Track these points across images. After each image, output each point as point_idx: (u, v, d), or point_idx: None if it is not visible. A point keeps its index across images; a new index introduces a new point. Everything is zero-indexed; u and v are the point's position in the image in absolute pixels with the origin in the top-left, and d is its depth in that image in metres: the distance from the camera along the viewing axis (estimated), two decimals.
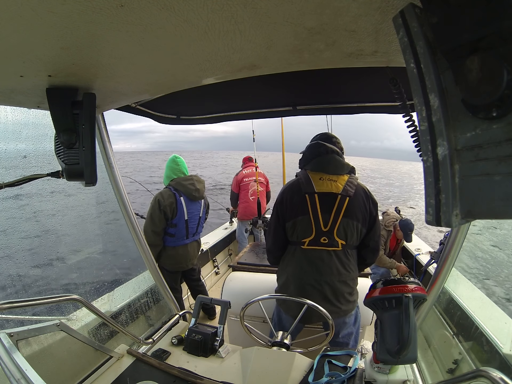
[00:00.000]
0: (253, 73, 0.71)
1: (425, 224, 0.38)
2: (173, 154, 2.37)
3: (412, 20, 0.36)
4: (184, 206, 2.19)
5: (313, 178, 1.30)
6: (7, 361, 0.68)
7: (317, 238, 1.28)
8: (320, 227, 1.27)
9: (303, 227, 1.29)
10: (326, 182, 1.28)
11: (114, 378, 0.96)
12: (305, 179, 1.31)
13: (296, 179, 1.37)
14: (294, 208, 1.30)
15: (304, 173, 1.35)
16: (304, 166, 1.39)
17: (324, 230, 1.27)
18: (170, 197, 2.15)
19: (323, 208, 1.26)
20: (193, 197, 2.23)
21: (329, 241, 1.27)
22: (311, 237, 1.28)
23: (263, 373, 1.01)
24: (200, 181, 2.31)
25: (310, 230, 1.28)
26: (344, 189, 1.27)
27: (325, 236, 1.27)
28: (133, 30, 0.46)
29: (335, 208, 1.26)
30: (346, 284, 1.31)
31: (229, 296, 1.70)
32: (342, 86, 1.25)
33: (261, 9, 0.43)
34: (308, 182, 1.30)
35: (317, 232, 1.27)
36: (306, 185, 1.29)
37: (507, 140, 0.29)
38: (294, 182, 1.35)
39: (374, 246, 1.37)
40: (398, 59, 0.62)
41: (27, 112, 0.84)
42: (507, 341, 1.25)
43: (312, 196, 1.27)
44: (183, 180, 2.21)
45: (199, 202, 2.33)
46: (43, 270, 3.44)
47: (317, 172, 1.32)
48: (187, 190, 2.19)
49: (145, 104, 1.19)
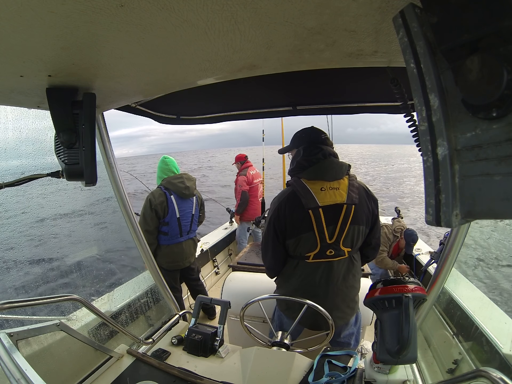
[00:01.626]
0: (253, 73, 0.71)
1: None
2: (163, 155, 2.42)
3: (412, 20, 0.36)
4: (175, 204, 2.24)
5: (313, 189, 1.17)
6: (7, 361, 0.68)
7: (322, 251, 1.19)
8: (325, 240, 1.18)
9: (307, 243, 1.19)
10: (329, 193, 1.17)
11: (114, 378, 0.96)
12: (304, 190, 1.17)
13: (291, 191, 1.20)
14: (295, 225, 1.18)
15: (299, 183, 1.19)
16: (297, 174, 1.23)
17: (330, 242, 1.18)
18: (161, 196, 2.20)
19: (328, 220, 1.16)
20: (184, 195, 2.28)
21: (336, 252, 1.20)
22: (316, 251, 1.19)
23: (263, 373, 1.01)
24: (190, 179, 2.35)
25: (315, 244, 1.18)
26: (349, 196, 1.17)
27: (331, 248, 1.19)
28: (133, 30, 0.46)
29: (341, 218, 1.16)
30: (353, 288, 1.29)
31: (229, 296, 1.70)
32: (342, 86, 1.24)
33: (261, 9, 0.43)
34: (308, 194, 1.16)
35: (322, 245, 1.18)
36: (307, 199, 1.15)
37: (507, 140, 0.29)
38: (290, 195, 1.19)
39: (376, 243, 1.33)
40: (398, 59, 0.62)
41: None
42: (507, 341, 1.25)
43: (316, 211, 1.15)
44: (173, 179, 2.27)
45: (190, 200, 2.37)
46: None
47: (316, 181, 1.18)
48: (177, 188, 2.24)
49: (145, 104, 1.19)
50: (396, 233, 2.84)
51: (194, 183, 2.38)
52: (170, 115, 1.46)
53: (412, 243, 2.75)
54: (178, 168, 2.38)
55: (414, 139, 0.45)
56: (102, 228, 5.84)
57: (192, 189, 2.33)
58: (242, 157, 3.81)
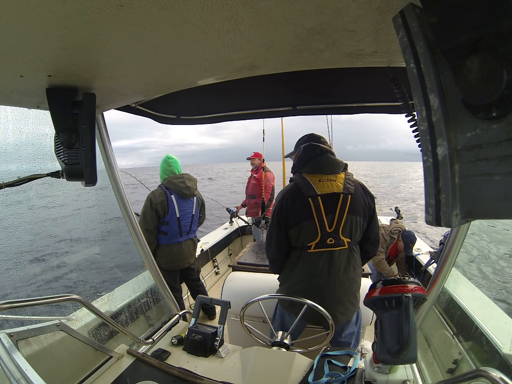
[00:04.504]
0: (253, 73, 0.71)
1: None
2: (166, 155, 2.42)
3: (412, 20, 0.36)
4: (175, 203, 2.25)
5: (312, 181, 1.28)
6: (7, 361, 0.68)
7: (323, 240, 1.26)
8: (325, 228, 1.25)
9: (308, 232, 1.26)
10: (326, 183, 1.27)
11: (114, 378, 0.96)
12: (304, 182, 1.28)
13: (293, 184, 1.32)
14: (297, 213, 1.27)
15: (301, 176, 1.32)
16: (299, 170, 1.36)
17: (329, 231, 1.26)
18: (161, 196, 2.21)
19: (326, 209, 1.25)
20: (184, 195, 2.28)
21: (336, 241, 1.26)
22: (317, 240, 1.26)
23: (263, 373, 1.01)
24: (191, 179, 2.36)
25: (316, 233, 1.26)
26: (345, 187, 1.27)
27: (331, 237, 1.26)
28: (133, 30, 0.46)
29: (339, 207, 1.25)
30: (354, 281, 1.32)
31: (229, 296, 1.70)
32: (342, 86, 1.24)
33: (261, 9, 0.43)
34: (308, 185, 1.27)
35: (323, 234, 1.26)
36: (307, 189, 1.26)
37: (507, 140, 0.29)
38: (293, 187, 1.31)
39: (375, 238, 1.39)
40: (398, 59, 0.62)
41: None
42: (507, 341, 1.25)
43: (315, 199, 1.25)
44: (174, 179, 2.27)
45: (191, 200, 2.37)
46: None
47: (315, 174, 1.30)
48: (177, 188, 2.25)
49: (145, 104, 1.19)
50: (393, 235, 2.81)
51: (195, 184, 2.38)
52: (170, 115, 1.46)
53: (410, 244, 2.70)
54: (180, 169, 2.38)
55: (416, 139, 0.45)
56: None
57: (192, 189, 2.33)
58: (260, 155, 3.83)
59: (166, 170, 2.33)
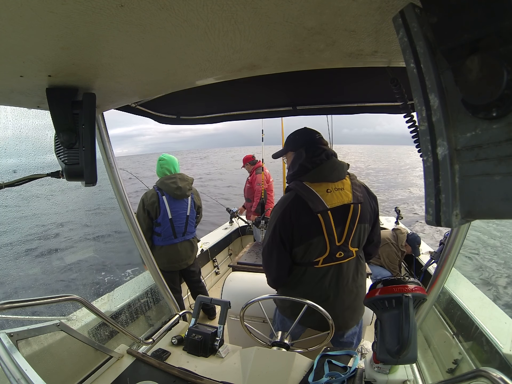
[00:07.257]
0: (253, 73, 0.71)
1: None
2: (161, 155, 2.41)
3: (412, 20, 0.36)
4: (166, 205, 2.23)
5: (318, 192, 1.12)
6: (7, 361, 0.68)
7: (332, 255, 1.16)
8: (334, 242, 1.15)
9: (317, 248, 1.15)
10: (335, 194, 1.14)
11: (114, 378, 0.96)
12: (309, 194, 1.12)
13: (294, 194, 1.15)
14: (303, 230, 1.13)
15: (303, 186, 1.14)
16: (298, 178, 1.18)
17: (338, 244, 1.16)
18: (153, 197, 2.21)
19: (336, 222, 1.14)
20: (176, 196, 2.25)
21: (345, 254, 1.18)
22: (325, 255, 1.16)
23: (263, 373, 1.01)
24: (184, 179, 2.32)
25: (325, 248, 1.15)
26: (354, 195, 1.16)
27: (340, 250, 1.17)
28: (133, 30, 0.46)
29: (349, 218, 1.15)
30: (362, 288, 1.29)
31: (229, 296, 1.69)
32: (342, 86, 1.24)
33: (261, 9, 0.43)
34: (315, 197, 1.11)
35: (332, 248, 1.16)
36: (315, 202, 1.10)
37: (507, 140, 0.29)
38: (295, 199, 1.14)
39: (378, 239, 1.35)
40: (398, 59, 0.62)
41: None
42: (507, 341, 1.25)
43: (325, 214, 1.11)
44: (165, 179, 2.26)
45: (184, 201, 2.33)
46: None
47: (320, 183, 1.14)
48: (169, 189, 2.23)
49: (145, 104, 1.19)
50: (403, 248, 2.82)
51: (188, 184, 2.32)
52: (170, 115, 1.46)
53: (417, 245, 2.78)
54: (175, 167, 2.33)
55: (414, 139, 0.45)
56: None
57: (185, 189, 2.27)
58: (250, 158, 3.68)
59: (159, 171, 2.32)
